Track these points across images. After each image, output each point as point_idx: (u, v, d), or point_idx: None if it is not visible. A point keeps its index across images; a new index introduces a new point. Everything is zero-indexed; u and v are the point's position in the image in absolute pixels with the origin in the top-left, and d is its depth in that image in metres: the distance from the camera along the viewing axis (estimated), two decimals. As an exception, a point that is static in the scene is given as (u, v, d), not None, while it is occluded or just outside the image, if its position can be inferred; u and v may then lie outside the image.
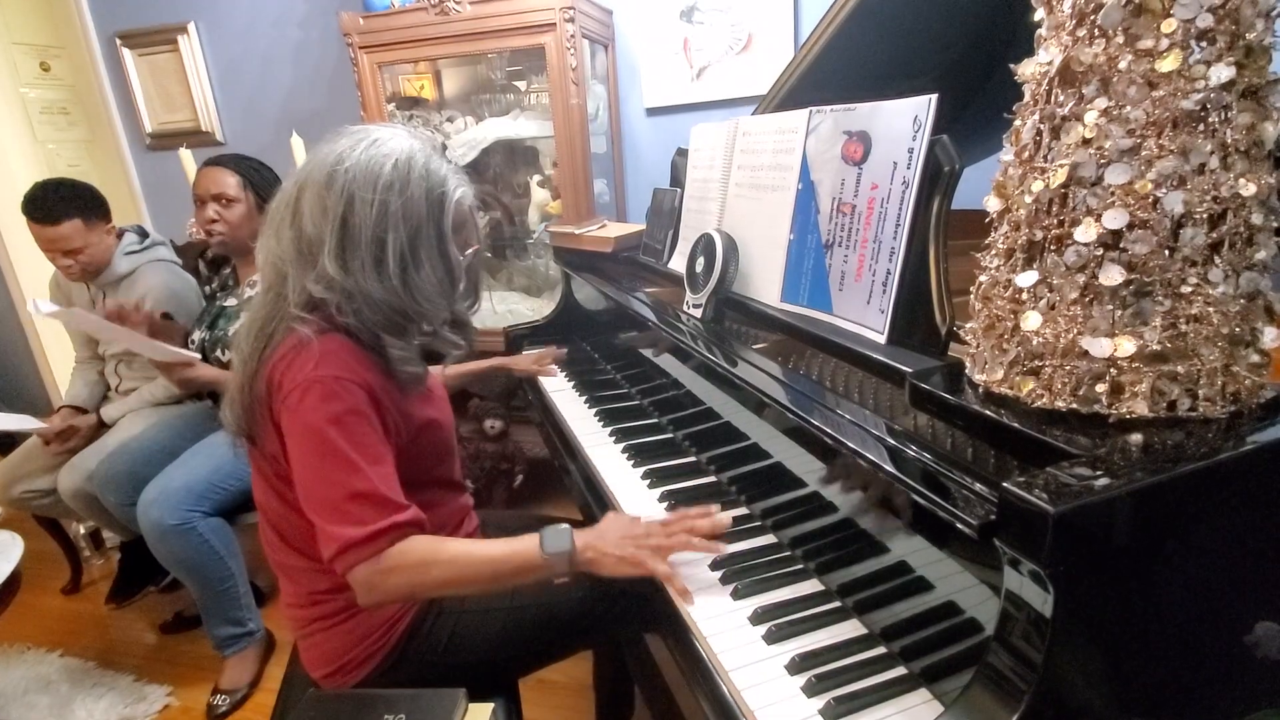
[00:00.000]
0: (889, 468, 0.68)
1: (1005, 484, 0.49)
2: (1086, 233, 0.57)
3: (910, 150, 0.82)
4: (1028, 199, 0.61)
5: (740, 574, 0.85)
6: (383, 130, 0.92)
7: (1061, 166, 0.58)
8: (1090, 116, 0.58)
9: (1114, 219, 0.57)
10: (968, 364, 0.70)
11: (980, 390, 0.67)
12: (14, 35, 2.77)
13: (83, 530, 2.25)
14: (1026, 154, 0.62)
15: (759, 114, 1.31)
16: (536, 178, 2.26)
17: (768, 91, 1.35)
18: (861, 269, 0.90)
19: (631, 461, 1.15)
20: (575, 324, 1.83)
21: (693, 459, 1.15)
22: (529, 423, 1.96)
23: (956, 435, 0.71)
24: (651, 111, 2.29)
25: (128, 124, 2.78)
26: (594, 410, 1.38)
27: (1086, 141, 0.58)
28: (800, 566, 0.86)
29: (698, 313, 1.17)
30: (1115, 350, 0.57)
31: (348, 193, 0.86)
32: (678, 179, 1.46)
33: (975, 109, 1.28)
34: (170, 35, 2.58)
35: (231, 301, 1.69)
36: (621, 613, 1.06)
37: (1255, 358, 0.60)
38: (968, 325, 0.70)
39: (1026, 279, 0.61)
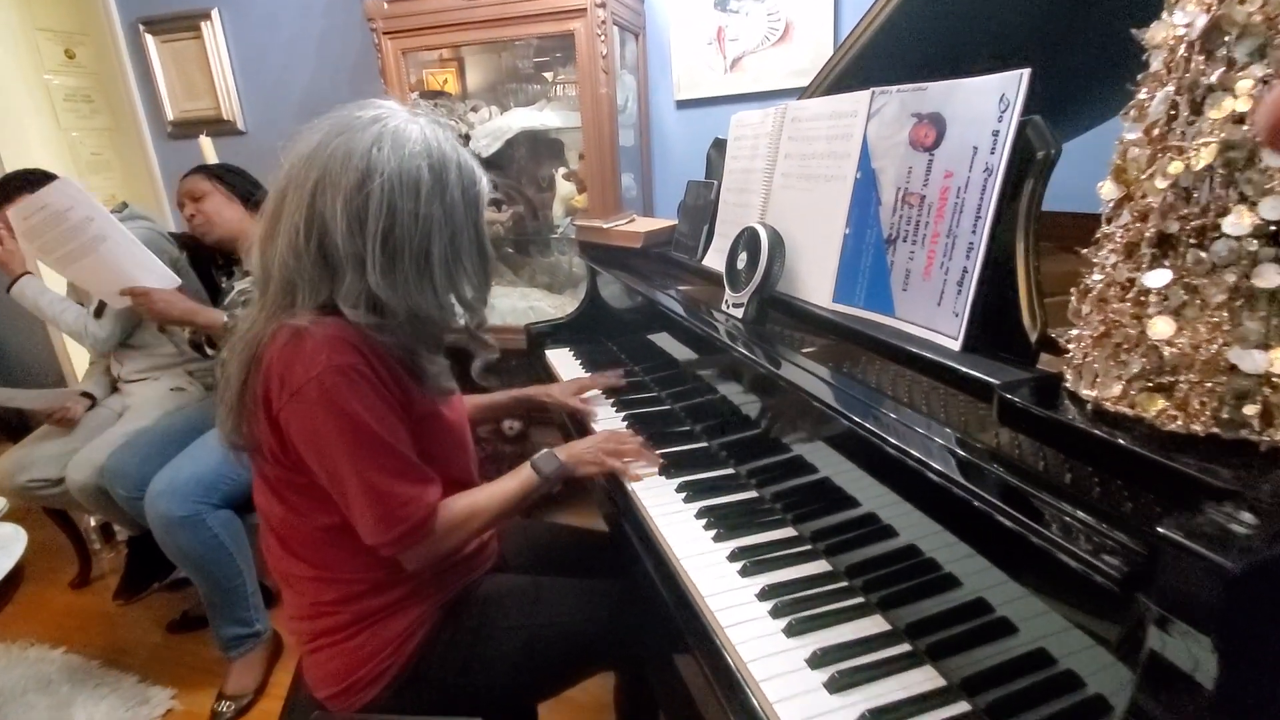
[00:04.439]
0: (1005, 505, 0.59)
1: (1162, 529, 0.40)
2: (1238, 224, 0.48)
3: (995, 133, 0.73)
4: (1160, 184, 0.52)
5: (792, 607, 0.76)
6: (396, 118, 0.84)
7: (1207, 145, 0.49)
8: (1244, 86, 0.48)
9: (1273, 208, 0.47)
10: (1068, 376, 0.61)
11: (1088, 407, 0.57)
12: (38, 21, 2.74)
13: (93, 523, 2.21)
14: (1157, 131, 0.53)
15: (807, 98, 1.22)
16: (562, 170, 2.19)
17: (814, 78, 1.25)
18: (931, 267, 0.81)
19: (665, 474, 1.06)
20: (600, 322, 1.75)
21: (730, 471, 1.06)
22: (549, 424, 1.89)
23: (1049, 457, 0.61)
24: (682, 104, 2.20)
25: (150, 112, 2.74)
26: (621, 414, 1.30)
27: (1239, 116, 0.48)
28: (860, 600, 0.77)
29: (738, 312, 1.09)
30: (1271, 365, 0.48)
31: (388, 205, 0.80)
32: (713, 173, 1.37)
33: (1047, 89, 1.18)
34: (193, 22, 2.54)
35: (246, 284, 1.69)
36: (648, 635, 0.98)
37: None
38: (1070, 332, 0.60)
39: (1157, 279, 0.52)
